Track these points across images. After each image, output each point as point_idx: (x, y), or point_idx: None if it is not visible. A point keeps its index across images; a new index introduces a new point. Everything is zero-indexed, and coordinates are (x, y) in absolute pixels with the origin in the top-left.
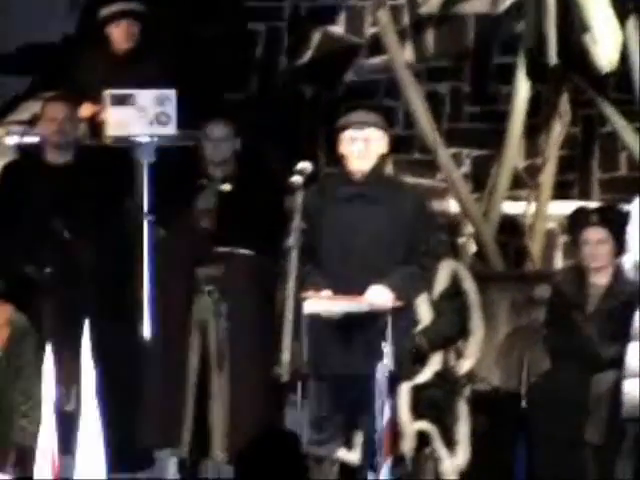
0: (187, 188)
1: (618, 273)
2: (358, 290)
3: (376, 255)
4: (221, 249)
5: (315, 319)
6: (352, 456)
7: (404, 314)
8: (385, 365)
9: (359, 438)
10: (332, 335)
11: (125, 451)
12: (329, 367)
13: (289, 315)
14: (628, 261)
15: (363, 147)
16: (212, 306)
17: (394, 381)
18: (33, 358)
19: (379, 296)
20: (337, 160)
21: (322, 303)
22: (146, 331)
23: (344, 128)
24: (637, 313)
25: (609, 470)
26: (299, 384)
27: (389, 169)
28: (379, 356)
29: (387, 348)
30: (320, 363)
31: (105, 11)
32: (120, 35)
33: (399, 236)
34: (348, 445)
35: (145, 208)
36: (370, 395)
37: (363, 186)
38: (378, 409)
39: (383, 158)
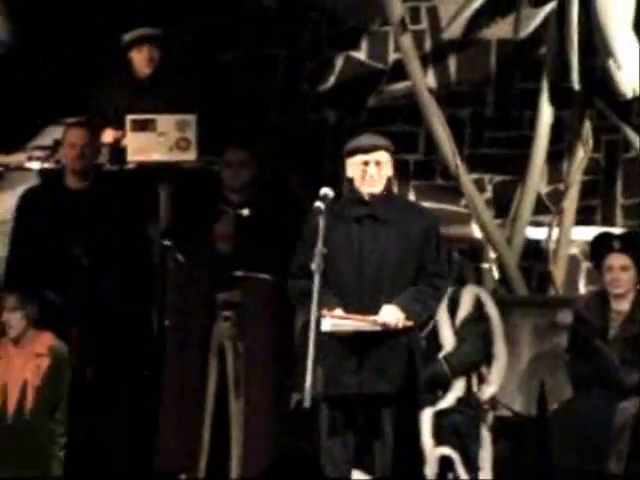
0: (207, 213)
1: None
2: (369, 310)
3: (386, 275)
4: (239, 273)
5: (328, 343)
6: (365, 478)
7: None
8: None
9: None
10: (345, 356)
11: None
12: (342, 387)
13: (312, 339)
14: None
15: (375, 170)
16: (230, 331)
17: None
18: (69, 387)
19: (390, 316)
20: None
21: (335, 322)
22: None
23: (355, 152)
24: None
25: None
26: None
27: (410, 194)
28: (389, 376)
29: None
30: (333, 384)
31: (128, 36)
32: (142, 60)
33: (409, 256)
34: (362, 467)
35: (164, 233)
36: (380, 416)
37: (373, 207)
38: None
39: (390, 181)
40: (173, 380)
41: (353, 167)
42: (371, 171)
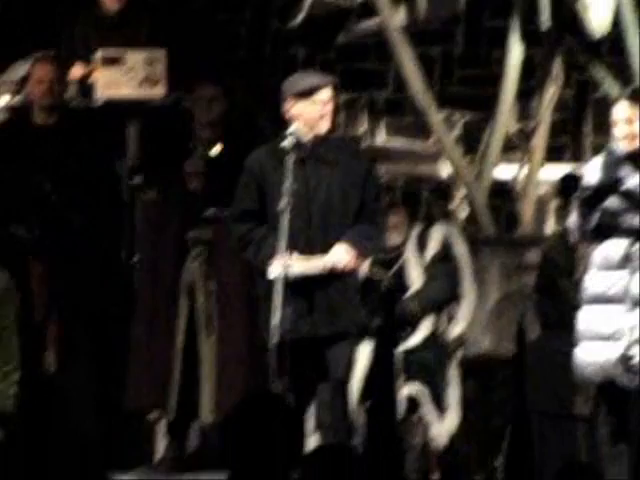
0: (177, 150)
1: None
2: (318, 249)
3: (333, 214)
4: (209, 212)
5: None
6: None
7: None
8: None
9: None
10: (296, 300)
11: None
12: (295, 332)
13: (280, 278)
14: (569, 224)
15: (329, 108)
16: (200, 269)
17: None
18: (14, 321)
19: (343, 255)
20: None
21: (288, 265)
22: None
23: (316, 89)
24: (586, 278)
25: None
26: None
27: (380, 131)
28: (337, 316)
29: None
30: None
31: None
32: None
33: (352, 194)
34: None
35: (134, 170)
36: (330, 357)
37: (315, 147)
38: None
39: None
40: (143, 318)
41: (311, 106)
42: (329, 109)
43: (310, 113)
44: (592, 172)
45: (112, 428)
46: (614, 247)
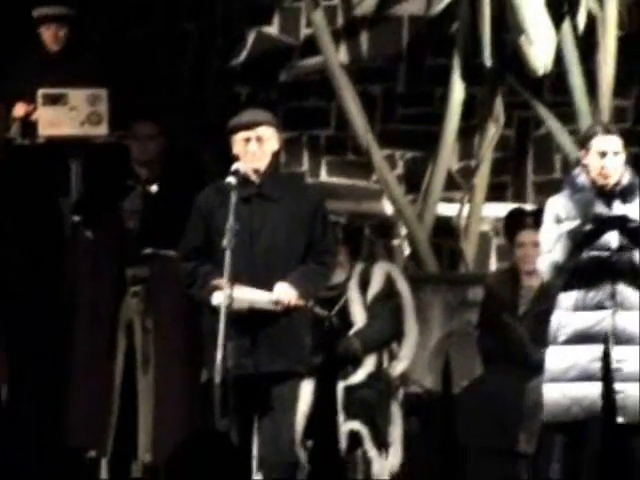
0: (115, 188)
1: None
2: (263, 287)
3: (277, 253)
4: (147, 250)
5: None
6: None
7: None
8: None
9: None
10: (240, 336)
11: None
12: (240, 368)
13: (222, 315)
14: (542, 262)
15: (257, 146)
16: (138, 306)
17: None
18: None
19: (284, 293)
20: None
21: (227, 295)
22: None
23: (236, 129)
24: (554, 316)
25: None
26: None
27: (321, 170)
28: (282, 354)
29: None
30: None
31: (35, 13)
32: (49, 38)
33: (298, 233)
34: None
35: (75, 208)
36: (272, 394)
37: (260, 185)
38: None
39: (276, 156)
40: (81, 355)
41: (236, 144)
42: (252, 147)
43: (238, 150)
44: (563, 207)
45: (54, 466)
46: (598, 285)
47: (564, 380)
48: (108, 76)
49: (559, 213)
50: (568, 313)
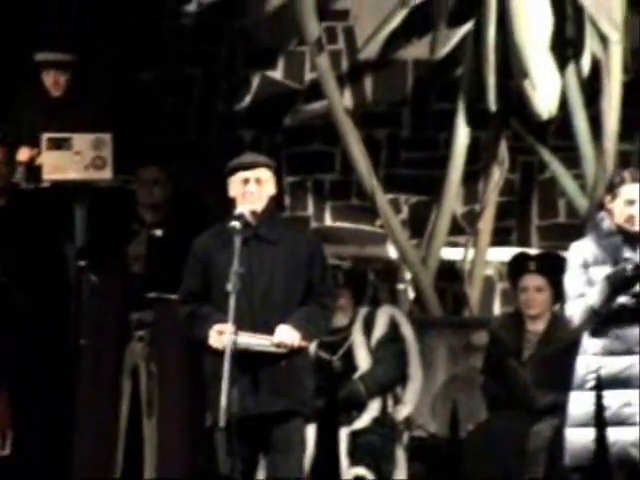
0: (121, 233)
1: (556, 320)
2: (262, 329)
3: (276, 295)
4: (151, 295)
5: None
6: None
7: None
8: None
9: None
10: (241, 377)
11: None
12: (243, 409)
13: (227, 358)
14: (572, 307)
15: (255, 188)
16: (143, 351)
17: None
18: None
19: (287, 335)
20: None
21: (228, 339)
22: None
23: (235, 170)
24: (578, 360)
25: None
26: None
27: (326, 214)
28: (283, 395)
29: None
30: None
31: (37, 58)
32: (50, 83)
33: (297, 275)
34: None
35: (79, 253)
36: (277, 435)
37: (257, 228)
38: None
39: (272, 200)
40: (86, 400)
41: (234, 186)
42: (250, 188)
43: (235, 192)
44: (591, 252)
45: None
46: (628, 331)
47: (592, 425)
48: (112, 120)
49: (587, 258)
50: (597, 358)
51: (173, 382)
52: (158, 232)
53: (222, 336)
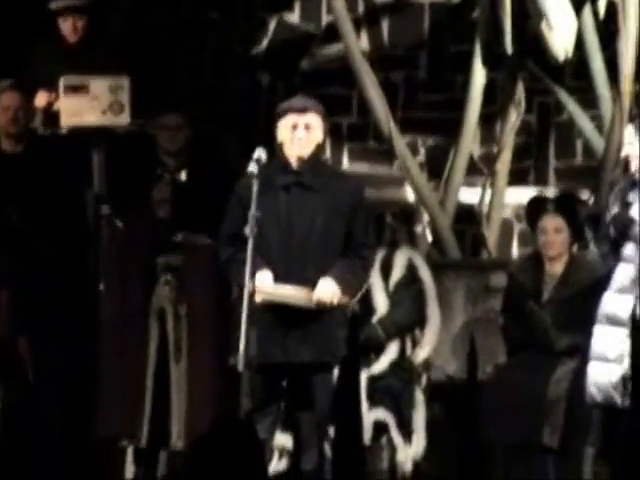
0: (143, 178)
1: (574, 262)
2: (297, 278)
3: (314, 243)
4: (179, 238)
5: (260, 311)
6: (288, 442)
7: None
8: None
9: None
10: (273, 325)
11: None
12: (269, 357)
13: (245, 304)
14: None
15: (304, 134)
16: (170, 295)
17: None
18: None
19: (327, 292)
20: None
21: (266, 296)
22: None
23: (285, 113)
24: (605, 295)
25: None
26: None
27: (343, 157)
28: (317, 345)
29: None
30: (261, 353)
31: (52, 5)
32: (67, 29)
33: (337, 224)
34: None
35: (101, 199)
36: (308, 384)
37: (301, 174)
38: None
39: (319, 147)
40: (112, 346)
41: (283, 130)
42: (300, 134)
43: (283, 136)
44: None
45: (80, 454)
46: (625, 271)
47: (595, 359)
48: (128, 65)
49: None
50: (611, 293)
51: (201, 325)
52: (182, 175)
53: (261, 287)
